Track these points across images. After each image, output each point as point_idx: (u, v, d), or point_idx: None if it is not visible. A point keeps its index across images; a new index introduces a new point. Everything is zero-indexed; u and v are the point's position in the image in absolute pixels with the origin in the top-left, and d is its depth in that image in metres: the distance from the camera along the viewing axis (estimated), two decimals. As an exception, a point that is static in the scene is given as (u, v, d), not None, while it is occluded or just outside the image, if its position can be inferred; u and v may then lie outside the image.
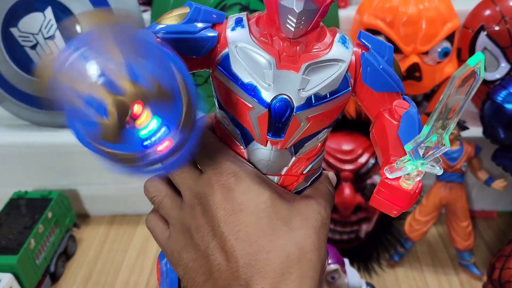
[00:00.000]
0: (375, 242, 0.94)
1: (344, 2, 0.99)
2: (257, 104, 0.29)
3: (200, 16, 0.30)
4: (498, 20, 0.88)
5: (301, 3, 0.26)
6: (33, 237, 0.83)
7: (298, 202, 0.32)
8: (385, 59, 0.30)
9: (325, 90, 0.29)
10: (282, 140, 0.31)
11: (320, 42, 0.30)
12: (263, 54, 0.29)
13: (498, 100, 0.81)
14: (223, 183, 0.30)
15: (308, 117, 0.30)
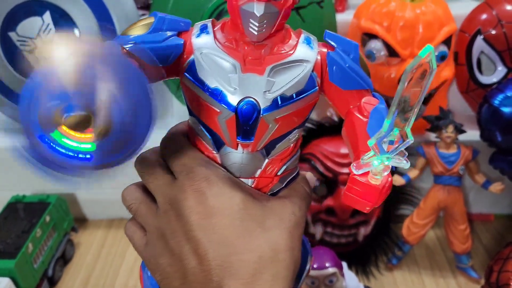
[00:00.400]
0: (373, 245, 0.94)
1: (341, 6, 0.99)
2: (224, 108, 0.30)
3: (165, 25, 0.30)
4: (494, 24, 0.88)
5: (261, 6, 0.27)
6: (31, 241, 0.83)
7: (272, 203, 0.32)
8: (351, 57, 0.31)
9: (291, 91, 0.30)
10: (252, 142, 0.31)
11: (285, 44, 0.30)
12: (227, 59, 0.29)
13: (495, 103, 0.82)
14: (195, 187, 0.30)
15: (276, 118, 0.30)
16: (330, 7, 0.93)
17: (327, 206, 0.88)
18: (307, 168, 0.90)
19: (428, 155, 0.88)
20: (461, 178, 0.88)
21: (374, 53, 0.86)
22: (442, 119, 0.86)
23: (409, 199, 0.95)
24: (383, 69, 0.87)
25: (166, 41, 0.30)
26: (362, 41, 0.88)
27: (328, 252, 0.70)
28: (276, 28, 0.29)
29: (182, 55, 0.30)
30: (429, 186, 0.91)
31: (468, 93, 0.96)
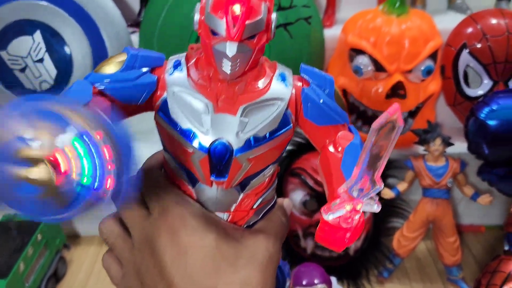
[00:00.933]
0: (364, 258, 0.94)
1: (329, 22, 1.01)
2: (196, 150, 0.29)
3: (137, 62, 0.30)
4: (479, 38, 0.90)
5: (234, 46, 0.26)
6: (22, 260, 0.83)
7: (246, 239, 0.32)
8: (326, 92, 0.30)
9: (264, 131, 0.29)
10: (226, 180, 0.31)
11: (259, 81, 0.30)
12: (200, 98, 0.29)
13: (481, 117, 0.83)
14: (169, 225, 0.30)
15: (249, 158, 0.30)
16: (318, 22, 0.94)
17: (318, 220, 0.88)
18: (297, 183, 0.90)
19: (417, 168, 0.89)
20: (450, 191, 0.89)
21: (362, 68, 0.87)
22: (429, 133, 0.87)
23: (399, 212, 0.96)
24: (371, 83, 0.89)
25: (139, 79, 0.30)
26: (350, 57, 0.89)
27: (316, 268, 0.71)
28: (250, 66, 0.28)
29: (156, 92, 0.30)
30: (418, 198, 0.92)
31: (455, 106, 0.97)
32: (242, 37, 0.26)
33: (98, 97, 0.29)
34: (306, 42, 0.91)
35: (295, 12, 0.89)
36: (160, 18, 0.91)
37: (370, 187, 0.26)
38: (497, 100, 0.83)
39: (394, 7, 0.86)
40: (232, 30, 0.26)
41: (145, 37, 0.95)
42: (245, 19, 0.26)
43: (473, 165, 0.91)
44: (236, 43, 0.26)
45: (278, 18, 0.97)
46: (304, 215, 0.90)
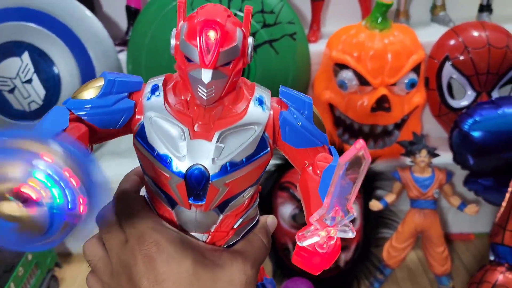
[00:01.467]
0: (354, 270, 0.95)
1: (314, 37, 1.02)
2: (173, 175, 0.29)
3: (114, 88, 0.30)
4: (461, 50, 0.91)
5: (209, 73, 0.27)
6: (13, 281, 0.83)
7: (224, 262, 0.32)
8: (305, 115, 0.30)
9: (240, 156, 0.29)
10: (204, 203, 0.31)
11: (236, 105, 0.30)
12: (177, 124, 0.29)
13: (465, 128, 0.84)
14: (145, 252, 0.30)
15: (225, 183, 0.30)
16: (303, 38, 0.95)
17: (307, 234, 0.89)
18: (286, 196, 0.91)
19: (403, 180, 0.90)
20: (437, 202, 0.90)
21: (346, 83, 0.88)
22: (415, 144, 0.88)
23: (388, 223, 0.97)
24: (356, 97, 0.90)
25: (116, 105, 0.30)
26: (334, 71, 0.90)
27: (304, 282, 0.71)
28: (226, 91, 0.29)
29: (133, 116, 0.30)
30: (407, 209, 0.92)
31: (440, 117, 0.99)
32: (217, 64, 0.27)
33: (75, 123, 0.29)
34: (292, 58, 0.92)
35: (280, 29, 0.90)
36: (147, 36, 0.92)
37: (343, 216, 0.26)
38: (480, 112, 0.84)
39: (377, 22, 0.88)
40: (207, 58, 0.26)
41: (133, 55, 0.96)
42: (220, 46, 0.26)
43: (460, 175, 0.92)
44: (211, 70, 0.27)
45: (263, 35, 0.98)
46: (293, 229, 0.91)
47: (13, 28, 0.91)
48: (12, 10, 0.91)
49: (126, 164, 0.40)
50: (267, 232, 0.36)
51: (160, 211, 0.33)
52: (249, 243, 0.34)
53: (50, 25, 0.91)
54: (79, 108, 0.30)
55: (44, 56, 0.92)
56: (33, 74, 0.92)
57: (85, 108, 0.29)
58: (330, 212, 0.26)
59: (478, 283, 0.71)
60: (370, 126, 0.93)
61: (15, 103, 0.94)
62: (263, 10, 0.90)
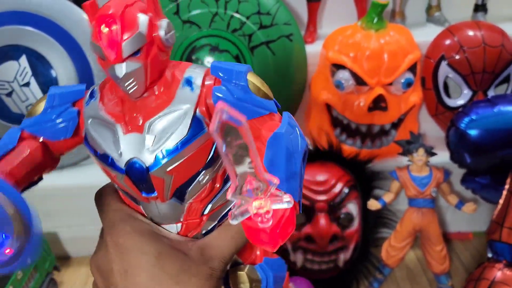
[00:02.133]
0: (353, 270, 0.95)
1: (311, 38, 1.03)
2: (116, 172, 0.30)
3: (56, 101, 0.31)
4: (457, 50, 0.92)
5: (120, 67, 0.26)
6: (11, 284, 0.83)
7: (191, 254, 0.32)
8: (240, 86, 0.29)
9: (172, 143, 0.29)
10: (156, 195, 0.31)
11: (168, 90, 0.29)
12: (111, 122, 0.29)
13: (462, 126, 0.84)
14: (115, 241, 0.32)
15: (167, 171, 0.29)
16: (300, 39, 0.96)
17: (306, 234, 0.89)
18: (284, 196, 0.91)
19: (401, 179, 0.90)
20: (435, 200, 0.90)
21: (343, 83, 0.89)
22: (412, 143, 0.89)
23: (387, 222, 0.97)
24: (353, 97, 0.90)
25: (60, 116, 0.31)
26: (331, 72, 0.91)
27: (303, 282, 0.71)
28: (151, 79, 0.28)
29: (79, 124, 0.31)
30: (405, 208, 0.93)
31: (437, 116, 0.99)
32: (123, 56, 0.26)
33: (26, 141, 0.31)
34: (288, 59, 0.93)
35: (277, 30, 0.91)
36: (144, 39, 0.93)
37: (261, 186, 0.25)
38: (476, 110, 0.85)
39: (373, 23, 0.88)
40: (111, 54, 0.26)
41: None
42: (120, 40, 0.26)
43: (457, 174, 0.92)
44: (121, 63, 0.26)
45: (260, 36, 0.99)
46: (292, 229, 0.91)
47: (11, 32, 0.91)
48: (9, 13, 0.91)
49: None
50: None
51: (130, 205, 0.34)
52: (224, 232, 0.34)
53: (47, 29, 0.91)
54: (29, 125, 0.31)
55: (42, 59, 0.92)
56: (30, 77, 0.92)
57: (33, 125, 0.31)
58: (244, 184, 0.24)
59: (477, 280, 0.71)
60: (367, 126, 0.94)
61: (13, 106, 0.94)
62: (259, 12, 0.90)
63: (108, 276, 0.32)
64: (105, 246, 0.33)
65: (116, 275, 0.31)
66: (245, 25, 0.89)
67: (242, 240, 0.34)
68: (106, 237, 0.33)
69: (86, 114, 0.31)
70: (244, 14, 0.89)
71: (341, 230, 0.90)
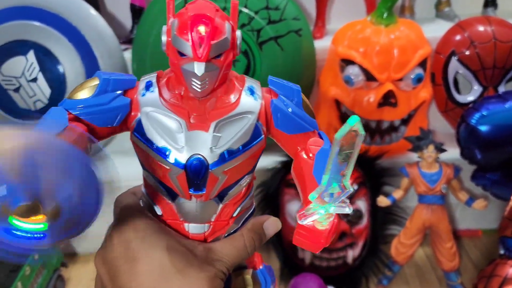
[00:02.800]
0: (362, 267, 0.94)
1: (319, 33, 1.02)
2: (173, 166, 0.30)
3: (110, 86, 0.30)
4: (467, 45, 0.91)
5: (202, 66, 0.28)
6: (19, 280, 0.83)
7: (197, 251, 0.33)
8: (295, 102, 0.32)
9: (237, 144, 0.30)
10: (204, 193, 0.32)
11: (229, 96, 0.31)
12: (173, 117, 0.30)
13: (472, 122, 0.84)
14: (123, 235, 0.32)
15: (224, 171, 0.31)
16: (308, 34, 0.95)
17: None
18: (294, 193, 0.91)
19: (411, 175, 0.89)
20: (445, 197, 0.90)
21: (352, 78, 0.88)
22: (422, 139, 0.88)
23: (396, 219, 0.96)
24: (362, 93, 0.89)
25: (112, 102, 0.30)
26: (340, 67, 0.90)
27: (313, 278, 0.71)
28: (219, 83, 0.30)
29: (130, 113, 0.31)
30: (415, 205, 0.92)
31: (447, 112, 0.98)
32: (209, 57, 0.28)
33: (73, 123, 0.29)
34: (297, 54, 0.92)
35: (286, 25, 0.90)
36: (152, 34, 0.92)
37: (341, 192, 0.27)
38: (487, 106, 0.84)
39: (383, 18, 0.87)
40: (199, 51, 0.27)
41: (137, 54, 0.96)
42: (211, 39, 0.27)
43: (467, 170, 0.92)
44: (203, 63, 0.28)
45: (269, 31, 0.98)
46: (301, 226, 0.90)
47: (18, 27, 0.91)
48: (17, 9, 0.91)
49: (131, 162, 0.41)
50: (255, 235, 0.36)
51: (160, 204, 0.34)
52: (230, 243, 0.35)
53: (55, 24, 0.91)
54: (76, 107, 0.30)
55: (49, 54, 0.92)
56: (38, 72, 0.92)
57: (82, 108, 0.30)
58: (328, 189, 0.27)
59: (488, 277, 0.70)
60: (377, 122, 0.93)
61: (21, 102, 0.94)
62: (268, 7, 0.89)
63: (114, 266, 0.31)
64: (111, 240, 0.32)
65: (123, 265, 0.31)
66: (254, 20, 0.88)
67: (243, 255, 0.35)
68: (113, 232, 0.32)
69: (142, 105, 0.30)
70: (252, 9, 0.88)
71: (350, 227, 0.89)
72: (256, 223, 0.36)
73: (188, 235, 0.34)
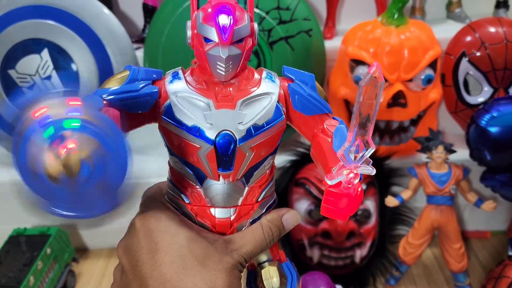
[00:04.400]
0: (370, 266, 0.95)
1: (330, 34, 1.02)
2: (203, 143, 0.33)
3: (139, 76, 0.33)
4: (478, 46, 0.91)
5: (226, 49, 0.31)
6: (32, 274, 0.84)
7: (217, 244, 0.34)
8: (309, 86, 0.34)
9: (261, 120, 0.33)
10: (232, 172, 0.34)
11: (250, 81, 0.34)
12: (201, 99, 0.33)
13: (482, 124, 0.84)
14: (145, 225, 0.33)
15: (251, 146, 0.33)
16: (319, 35, 0.96)
17: (323, 229, 0.89)
18: (302, 192, 0.91)
19: (420, 176, 0.89)
20: (454, 197, 0.90)
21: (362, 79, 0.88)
22: (431, 140, 0.88)
23: (404, 219, 0.96)
24: (372, 93, 0.90)
25: (143, 90, 0.33)
26: (350, 68, 0.90)
27: (321, 276, 0.71)
28: (240, 68, 0.33)
29: (158, 101, 0.34)
30: (423, 205, 0.92)
31: (457, 113, 0.98)
32: (232, 40, 0.31)
33: (106, 108, 0.31)
34: (307, 54, 0.93)
35: (296, 25, 0.91)
36: (164, 34, 0.93)
37: (364, 149, 0.29)
38: (497, 107, 0.84)
39: (393, 18, 0.88)
40: (223, 35, 0.30)
41: (149, 52, 0.97)
42: (233, 25, 0.31)
43: (477, 171, 0.91)
44: (227, 46, 0.31)
45: (279, 31, 0.99)
46: (309, 224, 0.91)
47: (33, 26, 0.92)
48: (31, 8, 0.92)
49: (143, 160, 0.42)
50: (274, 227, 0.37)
51: (187, 191, 0.36)
52: (249, 234, 0.36)
53: (68, 23, 0.92)
54: (110, 94, 0.32)
55: (63, 53, 0.93)
56: (52, 71, 0.93)
57: (114, 94, 0.32)
58: (353, 144, 0.29)
59: (497, 278, 0.71)
60: (386, 122, 0.93)
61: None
62: (279, 7, 0.90)
63: (136, 256, 0.32)
64: (134, 230, 0.33)
65: (144, 254, 0.32)
66: (265, 20, 0.89)
67: (263, 246, 0.36)
68: (136, 222, 0.34)
69: (171, 91, 0.33)
70: (263, 9, 0.89)
71: (358, 226, 0.90)
72: (275, 216, 0.37)
73: (214, 220, 0.35)
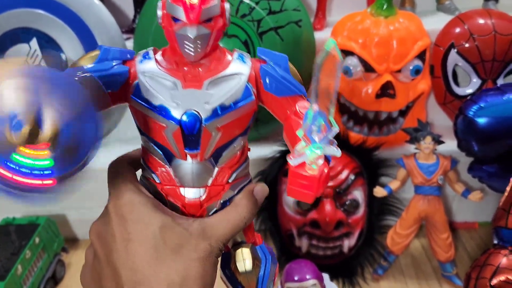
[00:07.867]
0: (358, 256, 0.95)
1: (319, 25, 1.02)
2: (169, 122, 0.32)
3: (110, 55, 0.33)
4: (467, 38, 0.91)
5: (194, 29, 0.30)
6: (20, 263, 0.84)
7: (192, 230, 0.33)
8: (282, 68, 0.34)
9: (229, 101, 0.33)
10: (199, 152, 0.34)
11: (220, 62, 0.34)
12: (168, 78, 0.33)
13: (470, 114, 0.84)
14: (119, 212, 0.32)
15: (217, 126, 0.33)
16: (309, 26, 0.96)
17: (312, 219, 0.90)
18: (291, 182, 0.92)
19: (408, 166, 0.90)
20: (441, 188, 0.90)
21: (351, 69, 0.89)
22: (420, 131, 0.89)
23: (392, 209, 0.97)
24: (361, 84, 0.90)
25: (113, 69, 0.33)
26: (339, 58, 0.90)
27: (308, 264, 0.72)
28: (211, 48, 0.32)
29: (128, 80, 0.33)
30: (411, 196, 0.93)
31: (445, 105, 0.99)
32: (200, 19, 0.30)
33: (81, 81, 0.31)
34: (297, 45, 0.93)
35: (286, 16, 0.91)
36: (153, 23, 0.93)
37: (327, 129, 0.28)
38: (485, 98, 0.84)
39: (382, 9, 0.88)
40: (191, 15, 0.30)
41: (139, 43, 0.97)
42: (201, 4, 0.30)
43: (465, 162, 0.92)
44: (195, 26, 0.30)
45: (269, 22, 0.98)
46: (298, 215, 0.91)
47: (22, 15, 0.92)
48: (21, -3, 0.92)
49: None
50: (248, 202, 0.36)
51: (157, 171, 0.36)
52: (224, 216, 0.35)
53: (58, 12, 0.92)
54: (82, 72, 0.32)
55: (52, 42, 0.93)
56: (41, 60, 0.93)
57: (87, 72, 0.32)
58: (314, 124, 0.28)
59: (482, 266, 0.71)
60: (375, 113, 0.94)
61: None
62: (268, -3, 0.90)
63: (109, 244, 0.32)
64: (108, 217, 0.33)
65: (117, 244, 0.31)
66: (254, 10, 0.89)
67: (240, 225, 0.35)
68: (110, 207, 0.33)
69: (139, 70, 0.33)
70: (253, 0, 0.89)
71: (346, 217, 0.90)
72: (246, 192, 0.37)
73: (184, 200, 0.35)
